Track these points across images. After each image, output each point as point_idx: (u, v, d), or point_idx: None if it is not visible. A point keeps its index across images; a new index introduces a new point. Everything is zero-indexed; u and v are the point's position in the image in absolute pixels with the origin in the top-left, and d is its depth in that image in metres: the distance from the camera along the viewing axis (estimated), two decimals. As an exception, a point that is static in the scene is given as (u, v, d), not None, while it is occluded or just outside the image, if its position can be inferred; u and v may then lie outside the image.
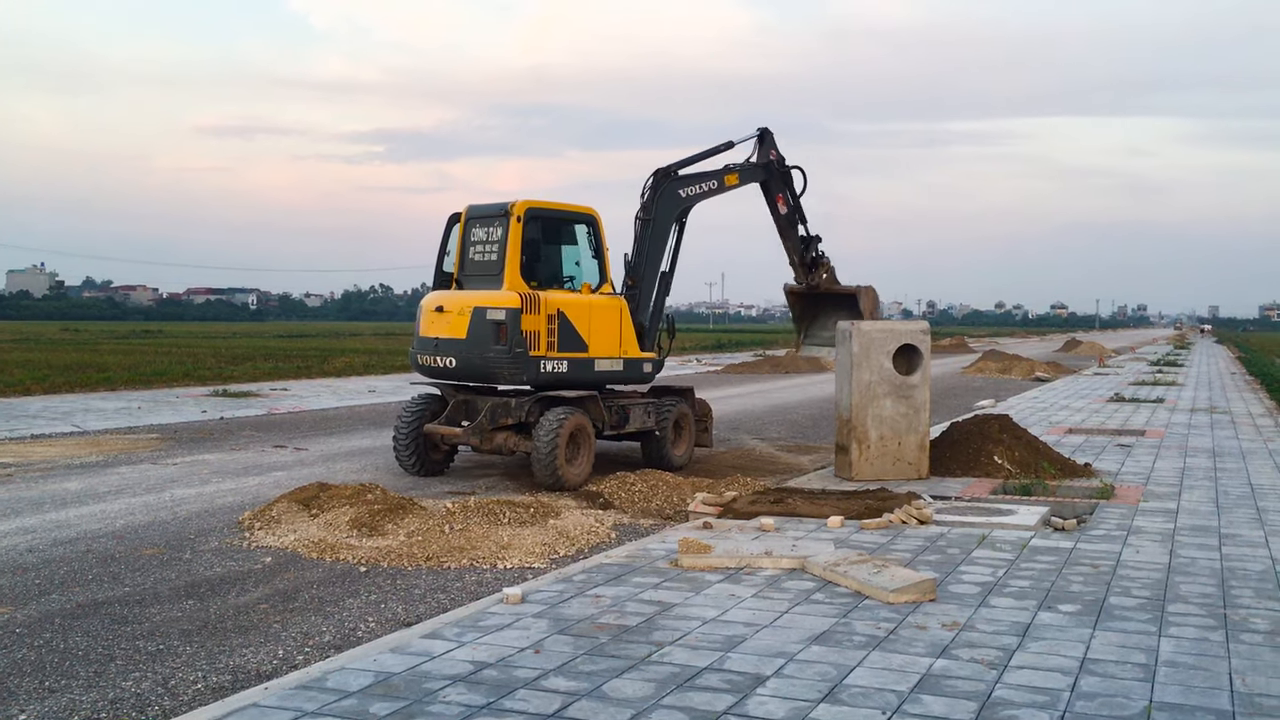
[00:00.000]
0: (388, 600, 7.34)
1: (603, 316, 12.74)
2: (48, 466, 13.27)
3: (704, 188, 14.22)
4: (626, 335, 12.98)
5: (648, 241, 13.57)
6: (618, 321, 12.89)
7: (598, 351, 12.66)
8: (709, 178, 14.32)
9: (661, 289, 13.82)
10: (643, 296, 13.50)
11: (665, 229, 13.75)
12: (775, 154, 15.38)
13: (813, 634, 6.00)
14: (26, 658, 6.11)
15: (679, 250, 14.12)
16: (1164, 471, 12.65)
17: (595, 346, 12.64)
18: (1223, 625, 6.27)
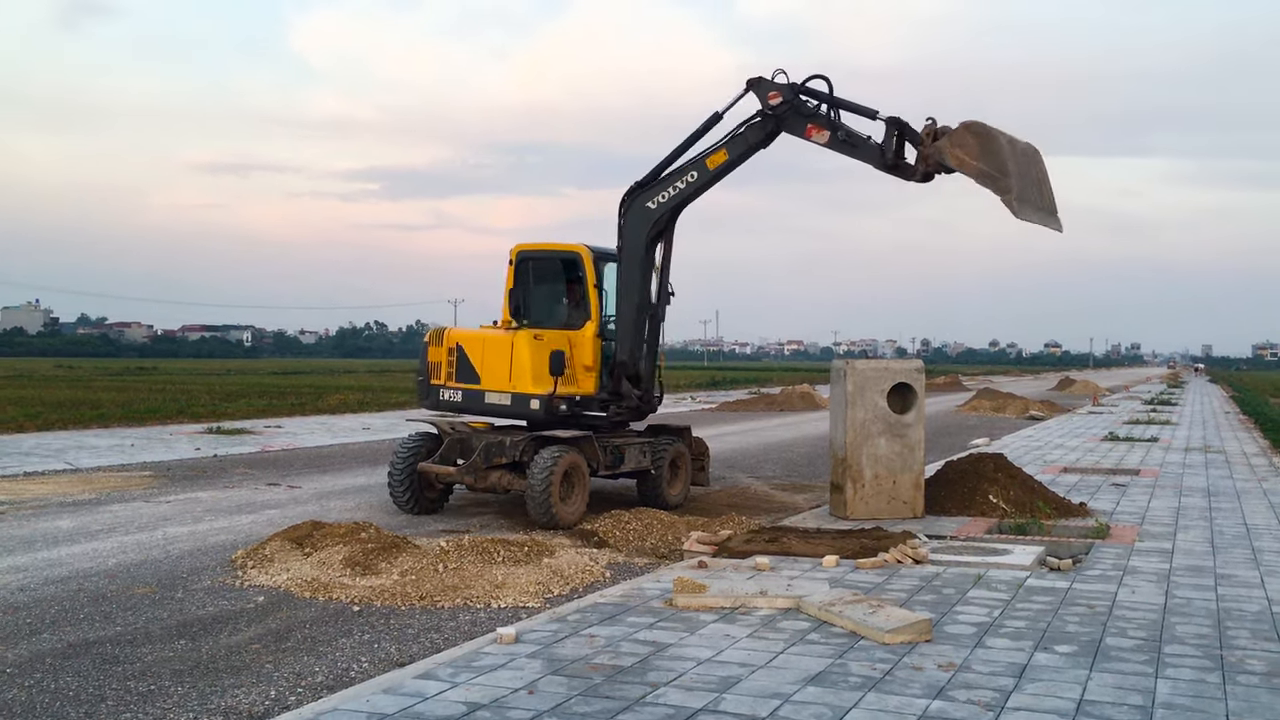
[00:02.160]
0: (381, 640, 7.30)
1: (495, 351, 12.78)
2: (40, 504, 13.21)
3: (678, 186, 12.49)
4: (519, 370, 12.54)
5: (620, 271, 12.93)
6: (508, 356, 12.63)
7: (489, 385, 12.77)
8: (683, 171, 12.49)
9: (640, 322, 12.81)
10: (619, 332, 12.91)
11: (636, 253, 12.67)
12: (776, 93, 12.23)
13: (808, 675, 5.97)
14: (17, 698, 6.06)
15: (667, 274, 12.97)
16: (1159, 511, 12.65)
17: (486, 380, 12.80)
18: (1219, 666, 6.25)
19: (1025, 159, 11.55)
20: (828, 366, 13.77)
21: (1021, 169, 11.34)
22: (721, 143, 12.37)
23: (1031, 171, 11.58)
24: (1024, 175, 11.35)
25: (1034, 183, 11.57)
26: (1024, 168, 11.43)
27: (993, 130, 11.34)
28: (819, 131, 12.06)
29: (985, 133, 11.34)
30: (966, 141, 11.32)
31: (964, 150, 11.32)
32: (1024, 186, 11.23)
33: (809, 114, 12.10)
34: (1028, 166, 11.54)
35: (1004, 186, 11.06)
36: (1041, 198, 11.61)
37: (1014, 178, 11.09)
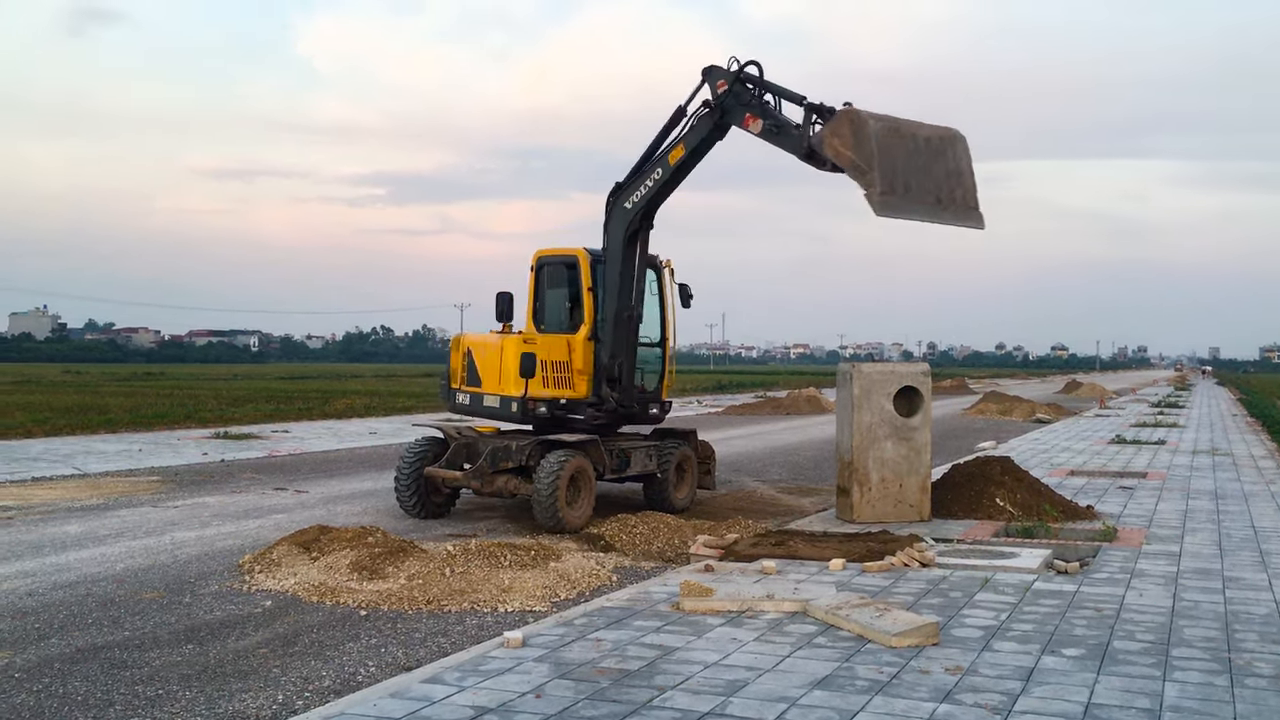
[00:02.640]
0: (388, 644, 7.31)
1: (491, 355, 13.00)
2: (48, 509, 13.24)
3: (647, 184, 12.45)
4: (506, 373, 12.72)
5: (602, 273, 12.96)
6: (499, 360, 12.86)
7: (486, 388, 13.03)
8: (650, 169, 12.47)
9: (619, 324, 12.74)
10: (604, 335, 12.90)
11: (616, 254, 12.70)
12: (723, 82, 11.89)
13: (815, 678, 5.97)
14: (25, 703, 6.08)
15: (640, 278, 12.86)
16: (1166, 514, 12.62)
17: (485, 383, 13.06)
18: (1227, 670, 6.24)
19: (930, 151, 10.64)
20: (834, 370, 13.75)
21: (911, 163, 10.40)
22: (679, 137, 12.26)
23: (936, 166, 10.63)
24: (913, 170, 10.41)
25: (937, 177, 10.59)
26: (918, 161, 10.49)
27: (864, 118, 10.43)
28: (754, 120, 11.66)
29: (858, 120, 10.44)
30: (843, 131, 10.48)
31: (840, 140, 10.52)
32: (910, 181, 10.34)
33: (746, 102, 11.72)
34: (929, 160, 10.58)
35: (867, 180, 10.27)
36: (952, 192, 10.72)
37: (879, 172, 10.19)
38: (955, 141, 10.69)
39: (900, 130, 10.43)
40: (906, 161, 10.36)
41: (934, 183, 10.55)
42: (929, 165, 10.48)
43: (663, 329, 13.76)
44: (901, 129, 10.46)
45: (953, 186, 10.60)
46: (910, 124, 10.56)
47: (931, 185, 10.51)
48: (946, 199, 10.54)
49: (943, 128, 10.71)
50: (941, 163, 10.55)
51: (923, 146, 10.50)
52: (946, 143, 10.66)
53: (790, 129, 11.38)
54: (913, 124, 10.58)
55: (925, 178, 10.49)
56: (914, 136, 10.48)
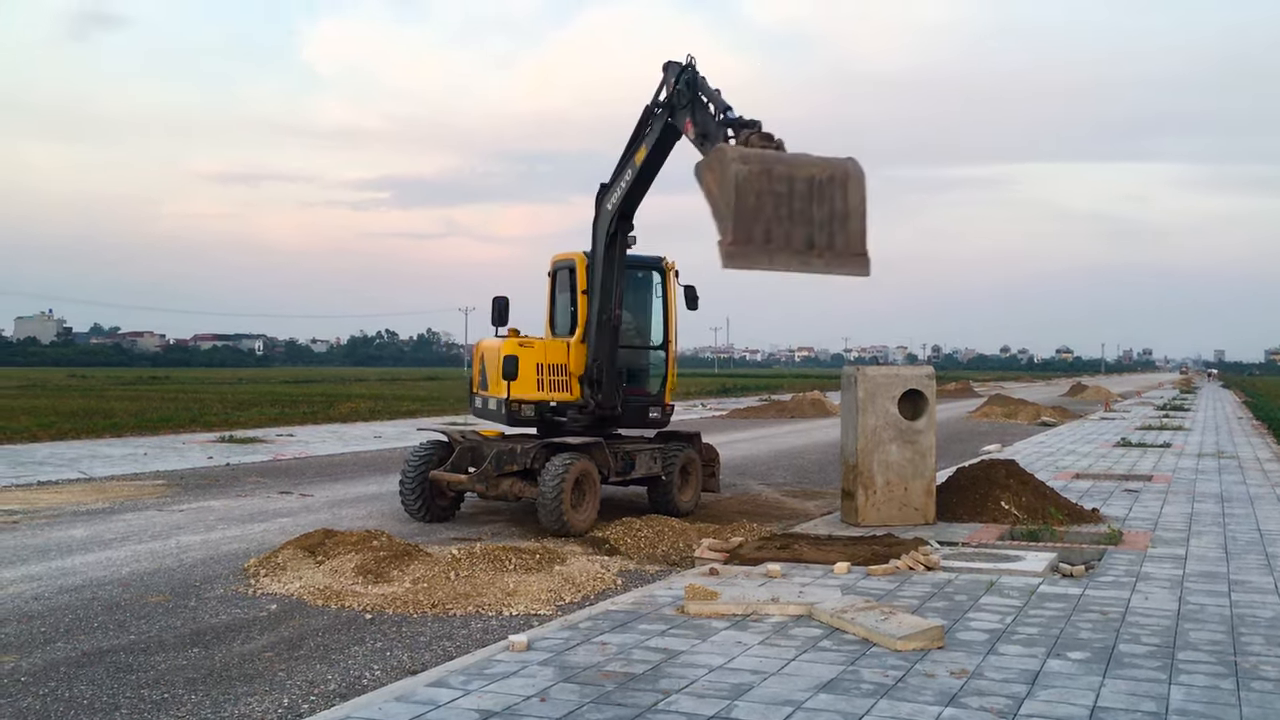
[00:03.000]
0: (393, 648, 7.31)
1: (492, 358, 13.19)
2: (54, 513, 13.27)
3: (620, 184, 12.40)
4: (492, 376, 13.08)
5: (590, 277, 12.91)
6: (496, 363, 13.02)
7: (490, 391, 13.27)
8: (624, 170, 12.37)
9: (600, 326, 12.68)
10: (589, 339, 12.88)
11: (599, 257, 12.67)
12: (674, 80, 11.63)
13: (820, 682, 5.97)
14: (31, 707, 6.09)
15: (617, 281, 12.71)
16: (1172, 517, 12.60)
17: (490, 386, 13.27)
18: (1233, 673, 6.23)
19: (809, 193, 9.81)
20: (838, 373, 13.74)
21: (780, 209, 9.70)
22: (643, 137, 12.13)
23: (815, 209, 9.83)
24: (781, 216, 9.73)
25: (814, 221, 9.84)
26: (789, 206, 9.73)
27: (729, 159, 9.75)
28: (690, 126, 11.31)
29: (724, 160, 9.78)
30: (715, 166, 9.91)
31: (711, 176, 9.92)
32: (774, 230, 9.70)
33: (685, 105, 11.47)
34: (806, 204, 9.79)
35: (721, 228, 9.77)
36: (831, 238, 9.96)
37: (733, 221, 9.58)
38: (845, 181, 9.90)
39: (773, 172, 9.74)
40: (775, 207, 9.70)
41: (807, 229, 9.83)
42: (804, 209, 9.77)
43: (665, 331, 13.76)
44: (775, 171, 9.77)
45: (833, 232, 9.87)
46: (793, 161, 9.85)
47: (803, 232, 9.81)
48: (823, 244, 9.82)
49: (836, 164, 9.95)
50: (823, 205, 9.81)
51: (800, 189, 9.76)
52: (833, 183, 9.88)
53: (711, 138, 10.95)
54: (796, 161, 9.85)
55: (795, 224, 9.80)
56: (790, 178, 9.76)
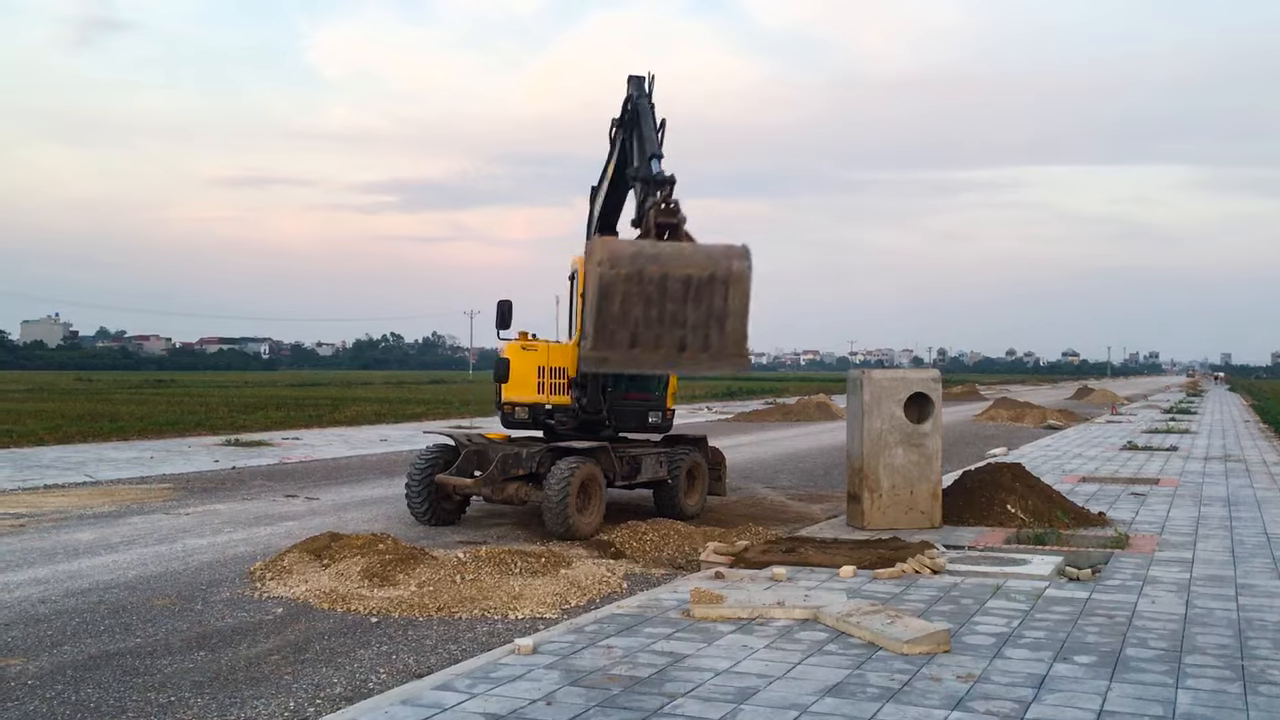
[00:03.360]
0: (399, 651, 7.32)
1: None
2: (61, 516, 13.30)
3: (601, 189, 12.54)
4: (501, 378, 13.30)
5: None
6: (506, 368, 13.19)
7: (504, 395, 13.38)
8: (603, 174, 12.49)
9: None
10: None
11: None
12: (626, 102, 11.70)
13: (826, 685, 5.96)
14: (39, 710, 6.10)
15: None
16: (1179, 520, 12.57)
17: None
18: (1240, 677, 6.21)
19: (685, 294, 9.36)
20: (844, 376, 13.73)
21: (651, 311, 9.33)
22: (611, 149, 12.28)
23: (691, 311, 9.39)
24: (652, 319, 9.34)
25: (688, 322, 9.42)
26: (662, 309, 9.33)
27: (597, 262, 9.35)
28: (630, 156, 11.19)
29: (589, 258, 9.48)
30: (594, 256, 9.52)
31: (588, 264, 9.63)
32: (641, 333, 9.35)
33: (628, 133, 11.39)
34: (679, 306, 9.36)
35: (585, 328, 9.56)
36: (706, 338, 9.53)
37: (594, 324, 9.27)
38: (726, 282, 9.39)
39: (644, 274, 9.31)
40: (644, 310, 9.36)
41: (679, 331, 9.44)
42: (678, 312, 9.36)
43: None
44: (647, 273, 9.32)
45: (708, 334, 9.46)
46: (669, 261, 9.37)
47: (675, 335, 9.43)
48: (696, 347, 9.45)
49: (719, 262, 9.42)
50: (700, 307, 9.37)
51: (675, 290, 9.31)
52: (712, 283, 9.39)
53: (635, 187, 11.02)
54: (674, 260, 9.38)
55: (666, 327, 9.43)
56: (663, 279, 9.31)
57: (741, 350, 9.56)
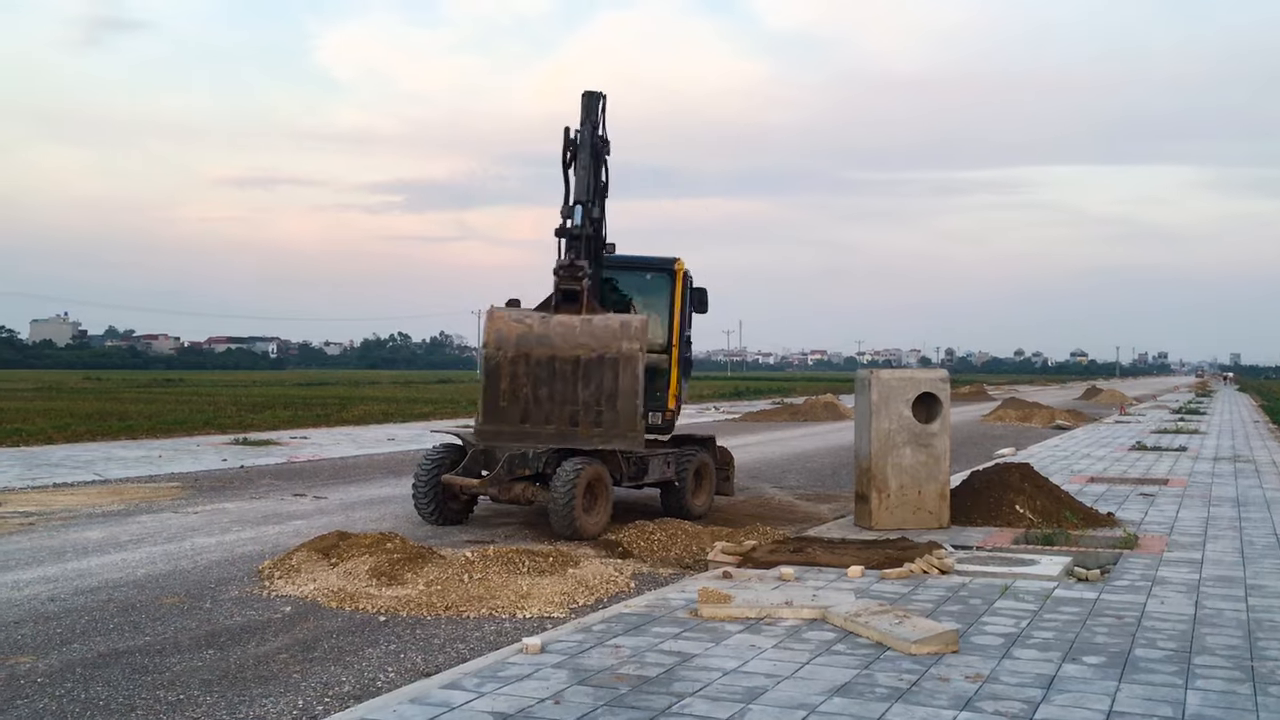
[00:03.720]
0: (407, 650, 7.33)
1: None
2: (69, 515, 13.33)
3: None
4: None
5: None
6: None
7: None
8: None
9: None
10: None
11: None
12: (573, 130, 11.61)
13: (834, 685, 5.96)
14: (48, 708, 6.12)
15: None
16: (1188, 521, 12.54)
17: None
18: (1250, 678, 6.19)
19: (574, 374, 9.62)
20: (851, 376, 13.74)
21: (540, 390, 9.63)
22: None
23: (580, 389, 9.68)
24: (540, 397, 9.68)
25: (578, 400, 9.71)
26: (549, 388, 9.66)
27: (485, 339, 9.62)
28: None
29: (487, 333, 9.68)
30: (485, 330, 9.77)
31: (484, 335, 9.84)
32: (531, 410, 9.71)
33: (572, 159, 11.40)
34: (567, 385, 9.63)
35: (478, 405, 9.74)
36: (598, 416, 9.77)
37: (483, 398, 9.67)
38: (616, 363, 9.48)
39: (531, 357, 9.50)
40: (534, 389, 9.55)
41: (570, 408, 9.57)
42: (567, 390, 9.53)
43: (669, 334, 13.39)
44: (534, 355, 9.49)
45: (599, 410, 9.58)
46: (561, 339, 9.44)
47: (567, 410, 9.57)
48: (589, 421, 9.59)
49: (612, 345, 9.44)
50: (590, 386, 9.48)
51: (564, 370, 9.43)
52: (601, 364, 9.47)
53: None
54: (567, 338, 9.45)
55: (557, 403, 9.60)
56: (551, 360, 9.49)
57: (634, 426, 9.60)
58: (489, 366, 9.69)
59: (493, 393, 9.66)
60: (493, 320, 9.68)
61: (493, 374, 9.64)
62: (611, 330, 9.34)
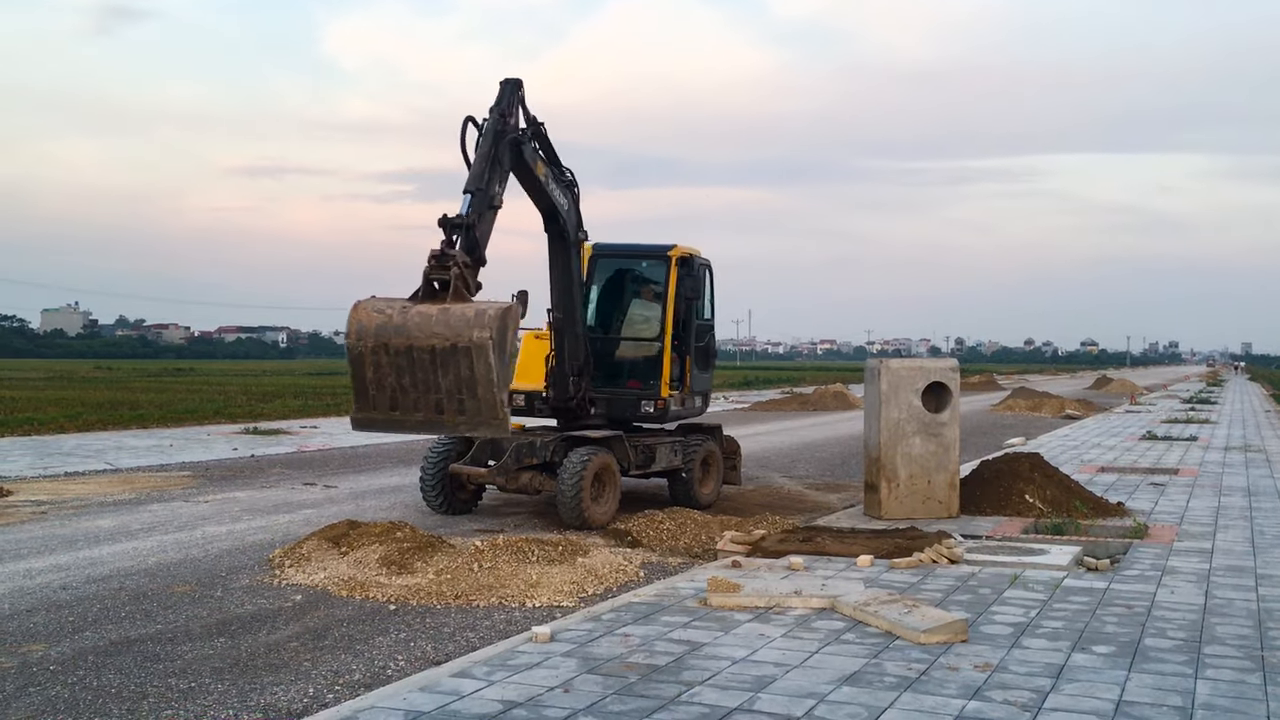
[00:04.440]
0: (417, 638, 7.35)
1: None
2: (81, 504, 13.39)
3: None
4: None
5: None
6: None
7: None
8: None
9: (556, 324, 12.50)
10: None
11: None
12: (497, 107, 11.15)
13: (843, 674, 5.96)
14: (60, 695, 6.16)
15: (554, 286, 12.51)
16: (1198, 511, 12.51)
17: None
18: (1260, 667, 6.18)
19: (433, 363, 9.50)
20: (860, 366, 13.71)
21: (403, 379, 9.58)
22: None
23: (441, 377, 9.54)
24: (405, 386, 9.58)
25: (441, 389, 9.55)
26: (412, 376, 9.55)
27: (347, 330, 9.76)
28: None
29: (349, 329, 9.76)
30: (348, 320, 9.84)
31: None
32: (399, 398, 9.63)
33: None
34: (428, 373, 9.54)
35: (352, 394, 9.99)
36: (461, 404, 9.64)
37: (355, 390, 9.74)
38: (469, 352, 9.45)
39: (390, 346, 9.59)
40: (397, 377, 9.65)
41: (435, 395, 9.65)
42: (428, 379, 9.58)
43: (662, 324, 13.27)
44: (392, 345, 9.59)
45: (461, 398, 9.61)
46: (417, 329, 9.52)
47: (431, 399, 9.65)
48: (453, 410, 9.65)
49: (461, 332, 9.45)
50: (449, 374, 9.52)
51: (422, 359, 9.51)
52: (455, 353, 9.48)
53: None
54: (423, 328, 9.52)
55: (421, 392, 9.66)
56: (409, 349, 9.55)
57: (496, 414, 9.58)
58: (351, 356, 9.83)
59: (360, 382, 9.83)
60: (355, 311, 9.83)
61: (356, 363, 9.81)
62: (466, 319, 9.37)
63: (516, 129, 11.02)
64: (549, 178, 11.73)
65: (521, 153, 11.06)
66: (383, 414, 9.90)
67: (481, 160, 10.52)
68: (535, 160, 11.41)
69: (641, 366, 13.38)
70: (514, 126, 11.00)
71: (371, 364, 9.74)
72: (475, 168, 10.51)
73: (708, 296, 13.86)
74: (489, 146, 10.59)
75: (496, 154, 10.62)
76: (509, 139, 10.79)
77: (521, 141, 11.03)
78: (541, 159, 11.58)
